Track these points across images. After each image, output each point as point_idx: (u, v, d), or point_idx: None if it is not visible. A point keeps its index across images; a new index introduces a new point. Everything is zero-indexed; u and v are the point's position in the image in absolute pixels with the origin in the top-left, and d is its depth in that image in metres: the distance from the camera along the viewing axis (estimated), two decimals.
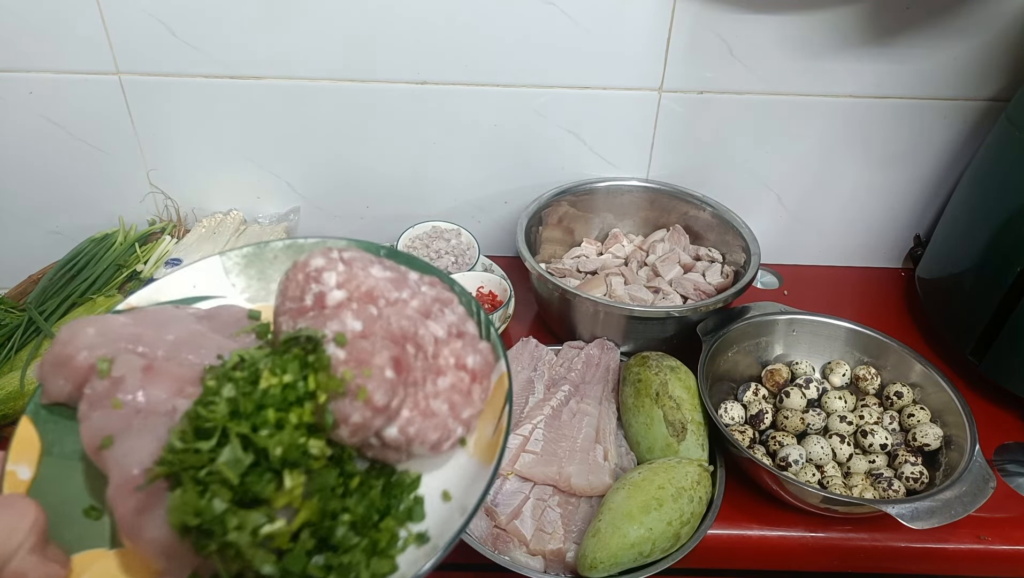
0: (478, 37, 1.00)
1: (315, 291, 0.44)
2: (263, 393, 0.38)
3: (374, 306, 0.44)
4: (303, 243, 0.52)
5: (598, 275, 1.05)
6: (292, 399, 0.39)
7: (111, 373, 0.42)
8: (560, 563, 0.74)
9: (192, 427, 0.38)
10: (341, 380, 0.40)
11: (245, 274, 0.52)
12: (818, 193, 1.15)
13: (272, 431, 0.38)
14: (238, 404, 0.38)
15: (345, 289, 0.44)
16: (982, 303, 0.93)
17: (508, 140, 1.09)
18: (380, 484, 0.43)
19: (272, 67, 1.03)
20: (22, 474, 0.42)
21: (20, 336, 0.90)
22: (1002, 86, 1.04)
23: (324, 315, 0.43)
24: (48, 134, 1.07)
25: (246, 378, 0.39)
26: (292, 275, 0.45)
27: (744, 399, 0.91)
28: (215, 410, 0.38)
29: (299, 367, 0.40)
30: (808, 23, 0.99)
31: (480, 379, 0.46)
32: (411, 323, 0.44)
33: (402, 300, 0.45)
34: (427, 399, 0.43)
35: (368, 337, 0.42)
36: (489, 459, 0.43)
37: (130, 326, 0.45)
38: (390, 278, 0.45)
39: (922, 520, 0.71)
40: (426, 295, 0.46)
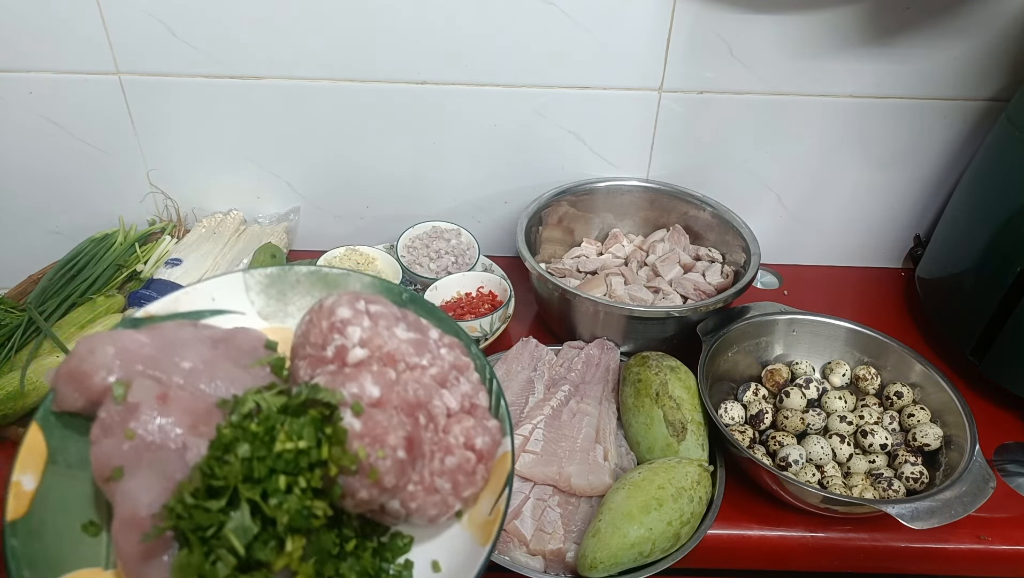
0: (478, 37, 1.00)
1: (338, 343, 0.44)
2: (277, 457, 0.38)
3: (393, 370, 0.44)
4: (327, 273, 0.52)
5: (598, 275, 1.05)
6: (304, 465, 0.39)
7: (127, 398, 0.42)
8: (560, 563, 0.74)
9: (204, 484, 0.38)
10: (354, 456, 0.40)
11: (265, 293, 0.53)
12: (818, 193, 1.15)
13: (281, 498, 0.38)
14: (252, 468, 0.38)
15: (368, 348, 0.44)
16: (982, 303, 0.93)
17: (508, 140, 1.09)
18: (372, 545, 0.43)
19: (272, 67, 1.03)
20: (27, 485, 0.43)
21: (20, 336, 0.90)
22: (1002, 86, 1.04)
23: (344, 373, 0.43)
24: (48, 134, 1.07)
25: (261, 436, 0.39)
26: (316, 320, 0.45)
27: (744, 399, 0.91)
28: (228, 470, 0.38)
29: (314, 433, 0.40)
30: (808, 23, 0.99)
31: (486, 460, 0.46)
32: (427, 392, 0.44)
33: (421, 366, 0.45)
34: (432, 476, 0.43)
35: (384, 406, 0.42)
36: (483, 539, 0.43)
37: (147, 347, 0.45)
38: (412, 341, 0.46)
39: (922, 520, 0.71)
40: (444, 360, 0.46)
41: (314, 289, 0.51)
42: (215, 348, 0.46)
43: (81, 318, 0.94)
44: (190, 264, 1.05)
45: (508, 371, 0.92)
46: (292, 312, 0.51)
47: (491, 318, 0.97)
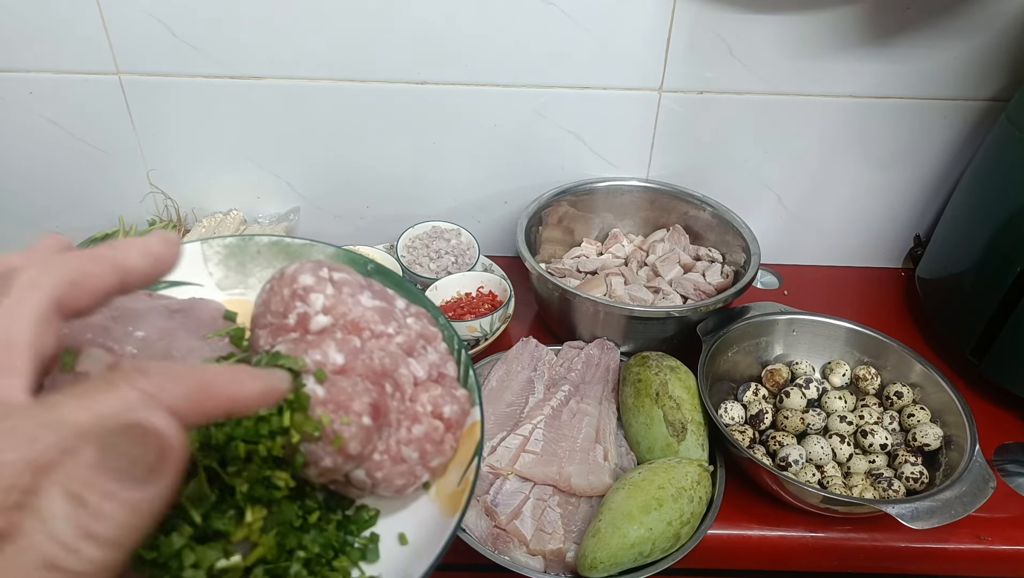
0: (478, 37, 1.00)
1: (300, 311, 0.42)
2: (235, 424, 0.36)
3: (358, 338, 0.42)
4: (289, 243, 0.51)
5: (598, 275, 1.05)
6: (264, 433, 0.37)
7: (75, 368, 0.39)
8: (560, 563, 0.74)
9: None
10: (318, 423, 0.38)
11: (224, 264, 0.51)
12: (818, 193, 1.15)
13: (240, 466, 0.36)
14: (209, 435, 0.36)
15: (331, 315, 0.42)
16: (982, 303, 0.93)
17: (508, 140, 1.09)
18: (337, 518, 0.41)
19: (272, 67, 1.03)
20: None
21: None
22: (1002, 86, 1.04)
23: (306, 341, 0.41)
24: (48, 134, 1.07)
25: None
26: (277, 288, 0.43)
27: (744, 399, 0.91)
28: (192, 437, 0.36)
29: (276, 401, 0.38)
30: (808, 23, 0.99)
31: (454, 429, 0.44)
32: (393, 360, 0.42)
33: (387, 334, 0.43)
34: (399, 445, 0.42)
35: (348, 373, 0.40)
36: (451, 510, 0.41)
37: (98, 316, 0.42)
38: (378, 308, 0.44)
39: (922, 520, 0.71)
40: (411, 329, 0.45)
41: (276, 260, 0.50)
42: (171, 318, 0.44)
43: None
44: None
45: (508, 371, 0.92)
46: (252, 284, 0.49)
47: (491, 318, 0.97)
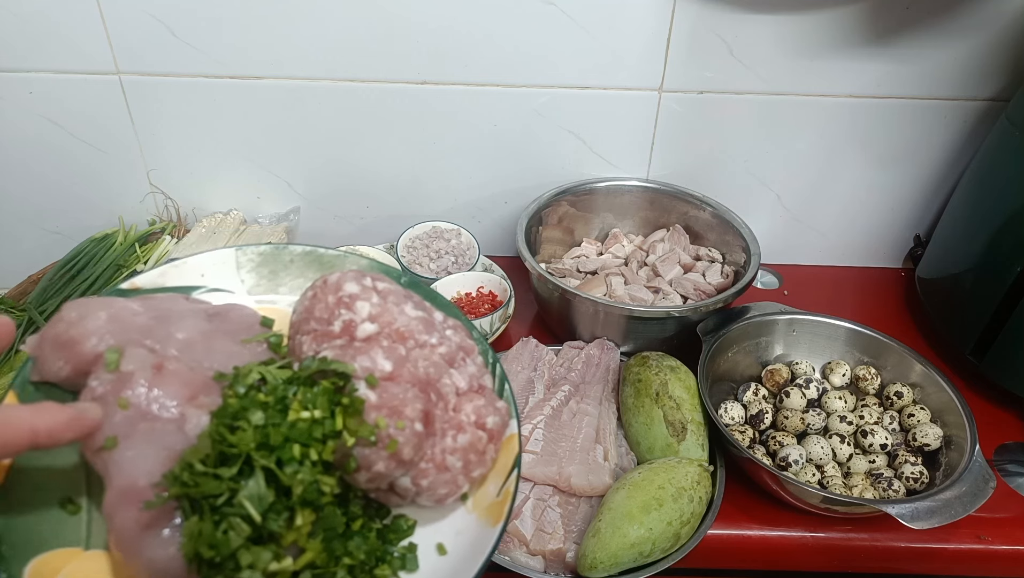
0: (478, 37, 1.00)
1: (345, 318, 0.43)
2: (291, 425, 0.37)
3: (403, 346, 0.43)
4: (322, 253, 0.51)
5: (598, 275, 1.05)
6: (318, 436, 0.38)
7: (120, 367, 0.40)
8: (560, 563, 0.74)
9: (215, 450, 0.37)
10: (373, 427, 0.39)
11: (256, 272, 0.51)
12: (818, 193, 1.15)
13: (296, 468, 0.37)
14: (267, 435, 0.37)
15: (377, 323, 0.43)
16: (982, 303, 0.93)
17: (508, 140, 1.09)
18: (377, 526, 0.42)
19: (272, 67, 1.03)
20: None
21: (20, 336, 0.90)
22: (1002, 86, 1.04)
23: (353, 347, 0.42)
24: (48, 134, 1.07)
25: (273, 405, 0.38)
26: (321, 295, 0.44)
27: (744, 399, 0.91)
28: (242, 437, 0.37)
29: (328, 403, 0.39)
30: (808, 23, 0.99)
31: (496, 440, 0.45)
32: (437, 370, 0.43)
33: (431, 344, 0.44)
34: (444, 454, 0.42)
35: (396, 380, 0.41)
36: (492, 520, 0.42)
37: (141, 316, 0.43)
38: (421, 319, 0.44)
39: (922, 520, 0.71)
40: (451, 341, 0.45)
41: (308, 270, 0.50)
42: (210, 321, 0.45)
43: None
44: None
45: (508, 371, 0.92)
46: (283, 292, 0.50)
47: (491, 318, 0.97)
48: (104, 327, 0.41)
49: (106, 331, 0.41)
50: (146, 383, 0.39)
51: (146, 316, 0.43)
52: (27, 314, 0.92)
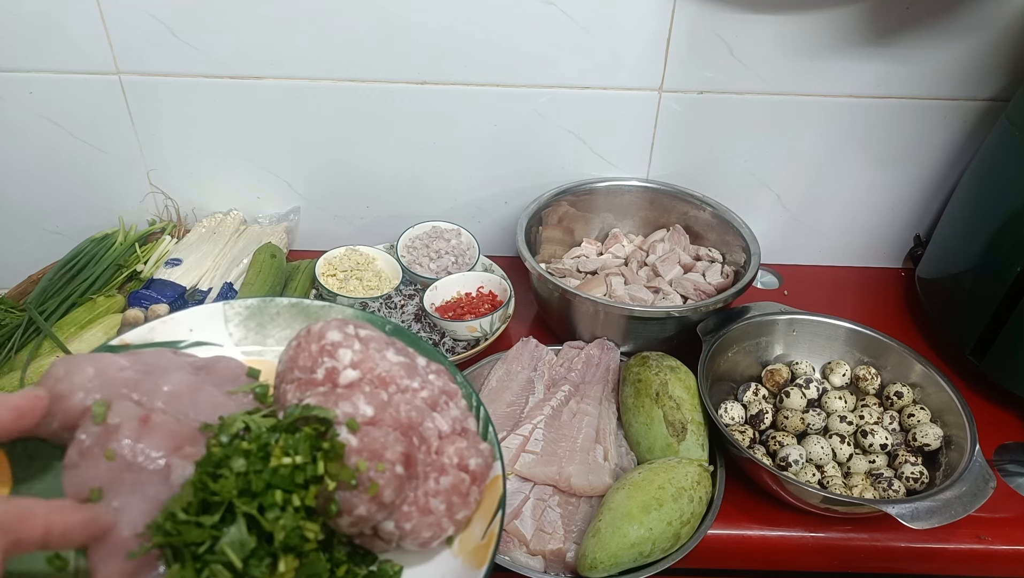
0: (478, 37, 1.00)
1: (328, 365, 0.44)
2: (273, 472, 0.37)
3: (385, 392, 0.43)
4: (308, 304, 0.52)
5: (598, 275, 1.05)
6: (300, 481, 0.38)
7: (107, 420, 0.40)
8: (560, 563, 0.74)
9: (198, 498, 0.37)
10: (354, 470, 0.39)
11: (244, 325, 0.52)
12: (818, 193, 1.15)
13: (278, 514, 0.37)
14: (250, 481, 0.37)
15: (359, 370, 0.44)
16: (982, 303, 0.93)
17: (508, 140, 1.09)
18: (363, 573, 0.42)
19: (272, 67, 1.03)
20: None
21: (20, 336, 0.90)
22: (1002, 86, 1.04)
23: (336, 393, 0.42)
24: (48, 134, 1.07)
25: (255, 453, 0.38)
26: (304, 344, 0.45)
27: (744, 399, 0.91)
28: (224, 484, 0.37)
29: (310, 449, 0.39)
30: (808, 23, 0.99)
31: (479, 481, 0.45)
32: (419, 414, 0.44)
33: (412, 389, 0.45)
34: (427, 496, 0.43)
35: (378, 425, 0.41)
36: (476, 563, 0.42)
37: (128, 370, 0.44)
38: (403, 364, 0.45)
39: (922, 520, 0.71)
40: (434, 385, 0.46)
41: (295, 321, 0.51)
42: (196, 374, 0.45)
43: (81, 318, 0.94)
44: (190, 264, 1.05)
45: (508, 371, 0.92)
46: (271, 344, 0.50)
47: (491, 318, 0.97)
48: (91, 381, 0.41)
49: (93, 385, 0.41)
50: (132, 435, 0.40)
51: (133, 370, 0.44)
52: (27, 314, 0.92)
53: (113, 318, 0.95)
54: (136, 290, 1.01)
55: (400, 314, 1.01)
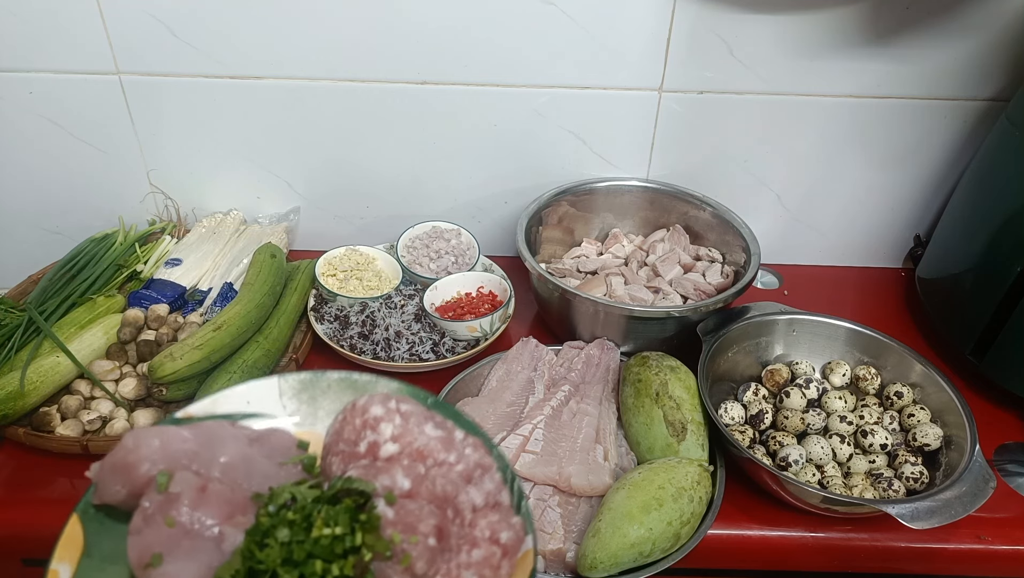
0: (478, 37, 1.00)
1: (370, 439, 0.47)
2: (314, 542, 0.40)
3: (423, 465, 0.46)
4: (356, 378, 0.54)
5: (598, 275, 1.05)
6: (339, 551, 0.40)
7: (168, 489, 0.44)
8: (560, 563, 0.74)
9: (245, 566, 0.40)
10: (389, 542, 0.41)
11: (297, 398, 0.54)
12: (818, 193, 1.15)
13: None
14: (292, 551, 0.40)
15: (399, 443, 0.46)
16: (982, 303, 0.93)
17: (508, 140, 1.09)
18: None
19: (272, 67, 1.03)
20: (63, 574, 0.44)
21: (20, 336, 0.89)
22: (1002, 86, 1.04)
23: (376, 467, 0.45)
24: (48, 134, 1.07)
25: (299, 523, 0.41)
26: (349, 418, 0.48)
27: (744, 399, 0.91)
28: (269, 554, 0.40)
29: (349, 520, 0.41)
30: (808, 23, 0.99)
31: (510, 555, 0.46)
32: (454, 487, 0.46)
33: (448, 462, 0.47)
34: (459, 569, 0.44)
35: (415, 497, 0.44)
36: None
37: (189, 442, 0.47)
38: (440, 438, 0.48)
39: (922, 520, 0.71)
40: (469, 458, 0.48)
41: (343, 394, 0.54)
42: (251, 446, 0.49)
43: (81, 318, 0.94)
44: (190, 264, 1.05)
45: (508, 371, 0.92)
46: (321, 416, 0.53)
47: (491, 318, 0.97)
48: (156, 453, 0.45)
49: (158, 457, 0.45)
50: (191, 503, 0.43)
51: (194, 442, 0.48)
52: (27, 314, 0.92)
53: (113, 318, 0.95)
54: (136, 290, 1.01)
55: (400, 314, 1.01)
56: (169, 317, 0.97)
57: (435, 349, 0.96)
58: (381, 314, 1.00)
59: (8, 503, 0.80)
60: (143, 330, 0.95)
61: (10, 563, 0.84)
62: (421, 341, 0.97)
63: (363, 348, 0.96)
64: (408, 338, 0.97)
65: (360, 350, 0.96)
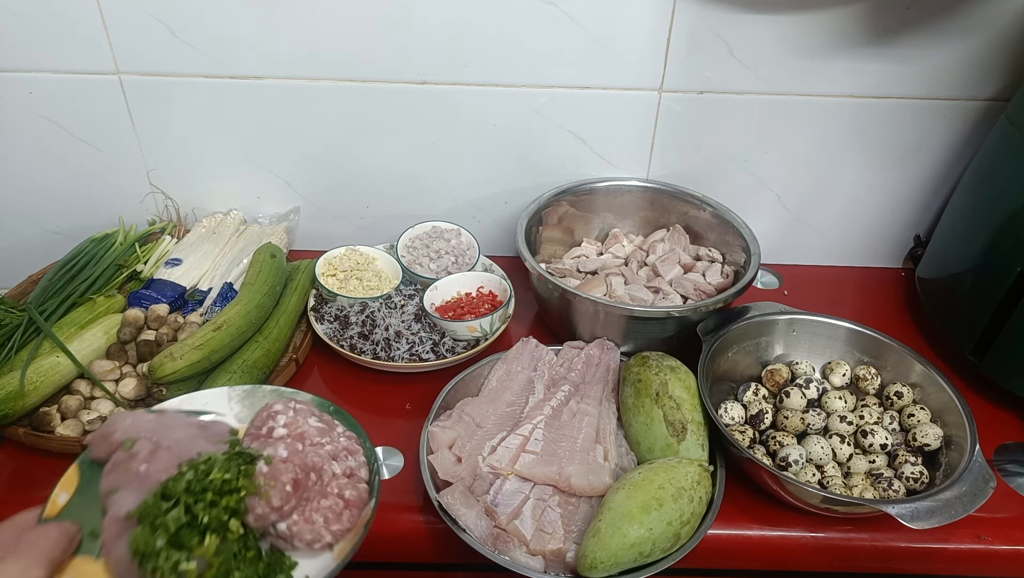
0: (478, 37, 1.00)
1: (269, 425, 0.67)
2: (209, 481, 0.59)
3: (301, 443, 0.66)
4: (284, 390, 0.75)
5: (598, 275, 1.05)
6: (226, 490, 0.59)
7: (132, 449, 0.64)
8: (560, 563, 0.74)
9: (161, 491, 0.58)
10: (255, 484, 0.61)
11: (241, 403, 0.74)
12: (818, 193, 1.15)
13: (206, 506, 0.58)
14: (192, 484, 0.59)
15: (288, 428, 0.66)
16: (982, 303, 0.93)
17: (508, 140, 1.09)
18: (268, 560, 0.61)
19: (272, 67, 1.03)
20: (61, 499, 0.64)
21: (20, 336, 0.90)
22: (1002, 86, 1.04)
23: (267, 442, 0.65)
24: (48, 134, 1.07)
25: (204, 470, 0.60)
26: (261, 412, 0.69)
27: (744, 399, 0.91)
28: (177, 484, 0.58)
29: (236, 470, 0.61)
30: (808, 23, 0.99)
31: (351, 507, 0.64)
32: (320, 460, 0.65)
33: (320, 443, 0.66)
34: (311, 512, 0.63)
35: (288, 462, 0.63)
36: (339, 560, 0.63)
37: (152, 422, 0.67)
38: (319, 428, 0.68)
39: (922, 520, 0.71)
40: (339, 444, 0.68)
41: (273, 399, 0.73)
42: (198, 430, 0.69)
43: (81, 318, 0.94)
44: (190, 264, 1.05)
45: (508, 371, 0.92)
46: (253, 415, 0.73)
47: (491, 318, 0.97)
48: (128, 427, 0.66)
49: (128, 429, 0.66)
50: (144, 459, 0.63)
51: (156, 422, 0.67)
52: (27, 314, 0.92)
53: (113, 318, 0.95)
54: (136, 290, 1.01)
55: (400, 314, 1.01)
56: (169, 317, 0.97)
57: (435, 349, 0.96)
58: (381, 314, 1.00)
59: (8, 503, 0.80)
60: (143, 330, 0.95)
61: None
62: (421, 341, 0.97)
63: (363, 348, 0.96)
64: (408, 338, 0.97)
65: (360, 350, 0.96)
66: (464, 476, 0.79)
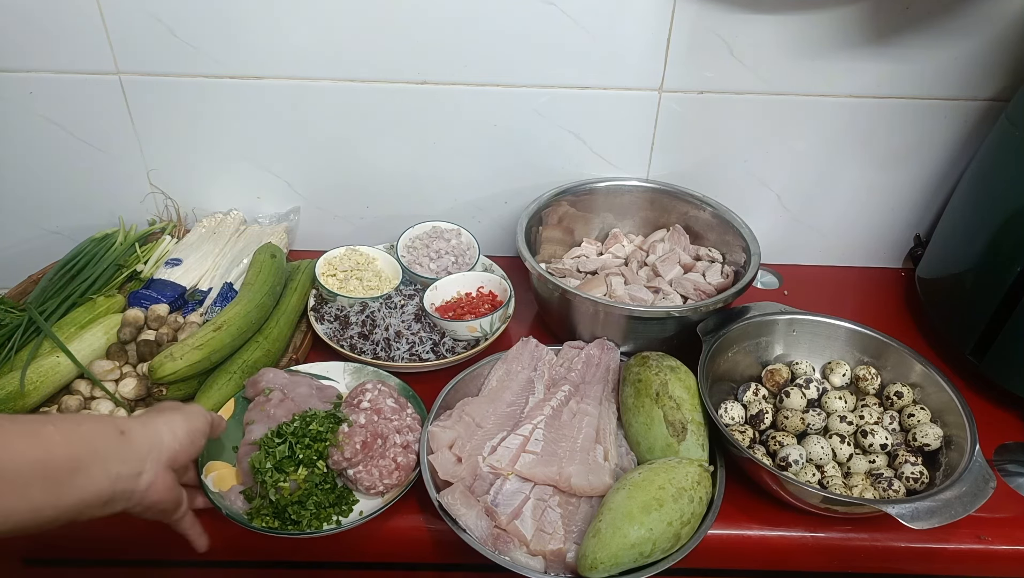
0: (478, 37, 1.00)
1: (358, 398, 0.85)
2: (309, 429, 0.81)
3: (377, 416, 0.83)
4: (381, 373, 0.93)
5: (598, 275, 1.05)
6: (319, 438, 0.80)
7: (269, 396, 0.86)
8: (560, 563, 0.74)
9: (275, 431, 0.81)
10: (337, 438, 0.80)
11: (352, 376, 0.95)
12: (818, 193, 1.15)
13: (303, 447, 0.80)
14: (297, 430, 0.81)
15: (371, 403, 0.84)
16: (982, 303, 0.93)
17: (508, 140, 1.09)
18: (338, 493, 0.81)
19: (272, 67, 1.03)
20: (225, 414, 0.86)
21: (20, 336, 0.90)
22: (1002, 86, 1.04)
23: (355, 410, 0.84)
24: (48, 134, 1.07)
25: (307, 421, 0.82)
26: (357, 387, 0.87)
27: (744, 399, 0.91)
28: (288, 427, 0.81)
29: (328, 426, 0.81)
30: (808, 23, 0.99)
31: (401, 470, 0.81)
32: (388, 430, 0.82)
33: (392, 419, 0.84)
34: (372, 467, 0.80)
35: (364, 427, 0.81)
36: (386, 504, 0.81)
37: (286, 379, 0.89)
38: (393, 408, 0.85)
39: (922, 520, 0.71)
40: (405, 421, 0.85)
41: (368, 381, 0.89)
42: (316, 390, 0.91)
43: (81, 318, 0.94)
44: (190, 264, 1.05)
45: (508, 371, 0.92)
46: None
47: (491, 318, 0.97)
48: (271, 379, 0.88)
49: (270, 382, 0.88)
50: (275, 405, 0.85)
51: (289, 380, 0.89)
52: (27, 314, 0.92)
53: (113, 318, 0.95)
54: (136, 290, 1.01)
55: (400, 314, 1.01)
56: (169, 317, 0.97)
57: (435, 349, 0.96)
58: (381, 314, 1.00)
59: None
60: (143, 330, 0.95)
61: (11, 563, 0.84)
62: (421, 341, 0.97)
63: (363, 348, 0.96)
64: (408, 338, 0.97)
65: (360, 350, 0.96)
66: (464, 476, 0.79)
